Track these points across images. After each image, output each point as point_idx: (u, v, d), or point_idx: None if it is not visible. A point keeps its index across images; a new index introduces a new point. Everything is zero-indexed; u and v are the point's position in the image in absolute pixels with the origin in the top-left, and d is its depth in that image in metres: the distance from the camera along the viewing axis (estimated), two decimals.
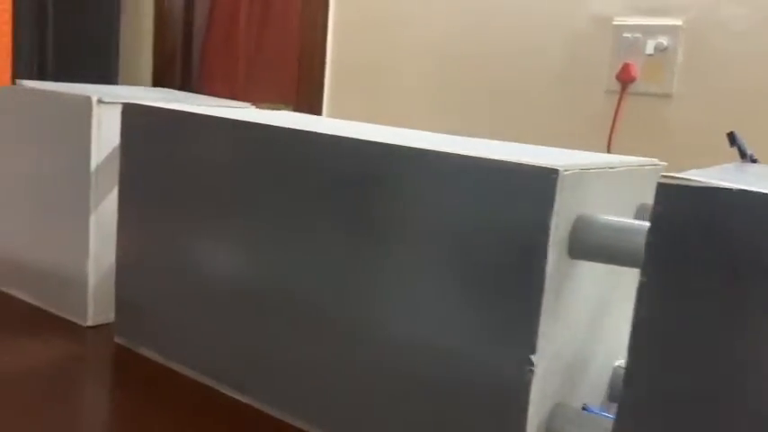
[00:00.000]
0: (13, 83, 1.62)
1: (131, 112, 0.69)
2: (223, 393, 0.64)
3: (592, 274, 0.51)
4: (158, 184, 0.67)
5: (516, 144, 0.64)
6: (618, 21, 1.35)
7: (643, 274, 0.40)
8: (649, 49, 1.31)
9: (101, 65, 2.18)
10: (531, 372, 0.46)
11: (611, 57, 1.35)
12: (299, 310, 0.58)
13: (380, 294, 0.53)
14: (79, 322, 0.76)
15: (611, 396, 0.57)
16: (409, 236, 0.51)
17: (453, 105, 1.53)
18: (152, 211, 0.68)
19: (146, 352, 0.70)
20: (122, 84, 2.16)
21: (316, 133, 0.57)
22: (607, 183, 0.52)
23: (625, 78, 1.33)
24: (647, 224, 0.40)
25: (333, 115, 1.74)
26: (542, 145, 0.66)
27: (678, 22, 1.29)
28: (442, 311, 0.50)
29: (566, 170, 0.45)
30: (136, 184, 0.69)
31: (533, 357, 0.46)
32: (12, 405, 0.60)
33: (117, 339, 0.72)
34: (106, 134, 0.73)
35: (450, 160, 0.49)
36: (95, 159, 0.72)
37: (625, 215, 0.53)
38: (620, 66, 1.33)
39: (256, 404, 0.61)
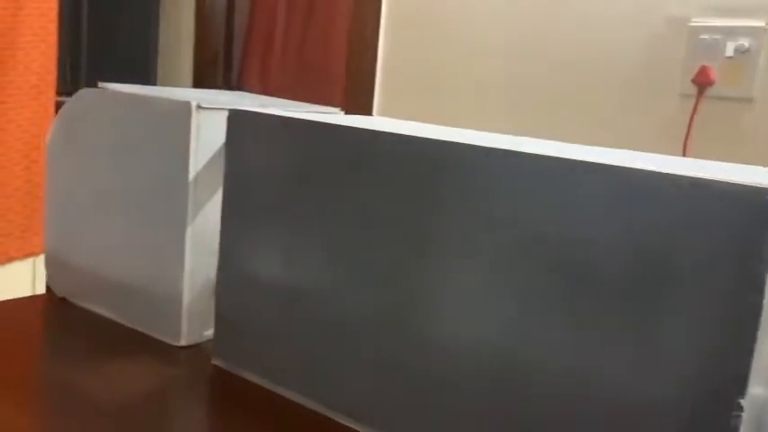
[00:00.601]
0: (57, 85, 1.59)
1: (237, 119, 0.64)
2: (339, 423, 0.59)
3: None
4: (266, 195, 0.63)
5: (620, 151, 0.59)
6: (695, 22, 1.29)
7: None
8: (729, 51, 1.25)
9: (138, 66, 2.14)
10: (738, 418, 0.41)
11: (687, 59, 1.29)
12: (431, 338, 0.53)
13: (536, 324, 0.48)
14: (171, 342, 0.71)
15: None
16: (585, 257, 0.46)
17: (518, 109, 1.48)
18: (258, 222, 0.63)
19: (248, 375, 0.65)
20: (161, 85, 2.12)
21: (461, 144, 0.52)
22: None
23: (702, 81, 1.27)
24: None
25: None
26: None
27: (761, 24, 1.23)
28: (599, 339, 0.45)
29: None
30: (241, 194, 0.64)
31: (743, 401, 0.41)
32: None
33: (215, 361, 0.68)
34: (204, 142, 0.68)
35: (639, 175, 0.44)
36: (193, 168, 0.68)
37: None
38: (696, 69, 1.28)
39: None
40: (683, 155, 1.29)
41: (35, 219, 1.57)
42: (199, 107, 0.67)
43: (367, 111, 1.67)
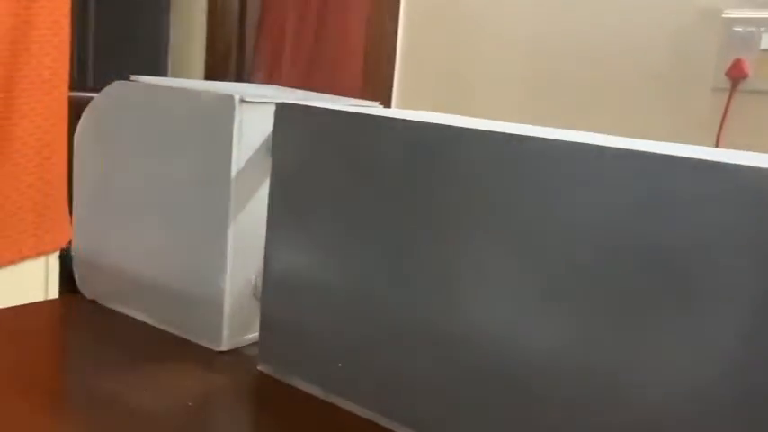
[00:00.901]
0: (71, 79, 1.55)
1: (286, 113, 0.61)
2: None
3: None
4: (316, 191, 0.59)
5: (650, 141, 0.55)
6: (728, 14, 1.26)
7: None
8: (764, 43, 1.22)
9: (147, 60, 2.10)
10: None
11: (720, 52, 1.26)
12: (498, 343, 0.50)
13: (618, 340, 0.45)
14: (212, 347, 0.68)
15: None
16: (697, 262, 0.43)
17: (542, 105, 1.44)
18: (307, 220, 0.60)
19: (297, 382, 0.62)
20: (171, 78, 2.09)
21: (541, 139, 0.49)
22: None
23: (736, 75, 1.24)
24: None
25: None
26: None
27: None
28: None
29: None
30: (289, 190, 0.61)
31: None
32: None
33: (261, 367, 0.64)
34: (247, 137, 0.65)
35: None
36: (236, 164, 0.64)
37: None
38: (729, 62, 1.25)
39: None
40: None
41: (48, 216, 1.53)
42: (242, 101, 0.64)
43: (385, 106, 1.63)
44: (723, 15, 1.25)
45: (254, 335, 0.70)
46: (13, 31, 1.38)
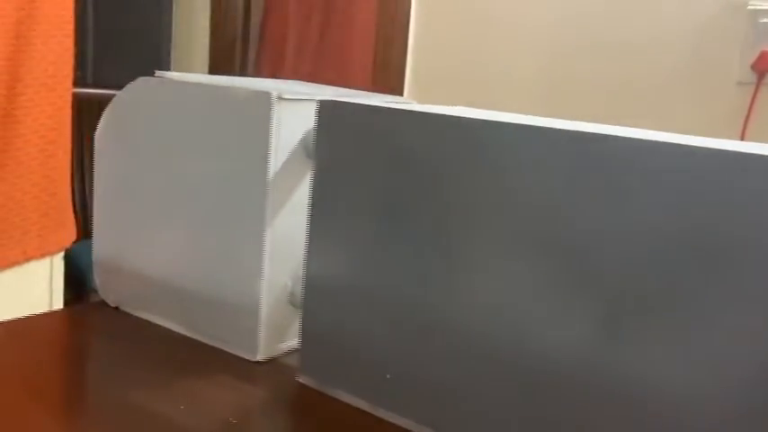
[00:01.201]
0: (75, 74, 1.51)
1: (329, 111, 0.57)
2: None
3: None
4: (360, 193, 0.56)
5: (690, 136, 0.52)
6: (753, 5, 1.23)
7: None
8: None
9: (149, 54, 2.06)
10: None
11: (746, 45, 1.23)
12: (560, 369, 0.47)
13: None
14: (247, 357, 0.64)
15: None
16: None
17: (559, 100, 1.41)
18: (351, 224, 0.57)
19: (341, 395, 0.59)
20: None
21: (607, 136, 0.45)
22: None
23: (762, 68, 1.21)
24: None
25: None
26: None
27: None
28: None
29: None
30: (331, 192, 0.58)
31: None
32: None
33: (301, 379, 0.61)
34: (284, 136, 0.61)
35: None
36: (273, 165, 0.61)
37: None
38: (755, 55, 1.22)
39: None
40: None
41: (52, 216, 1.49)
42: (280, 98, 0.60)
43: None
44: (749, 7, 1.23)
45: (288, 343, 0.67)
46: (17, 26, 1.34)
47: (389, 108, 0.55)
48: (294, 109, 0.62)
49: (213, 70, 1.92)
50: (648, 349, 0.44)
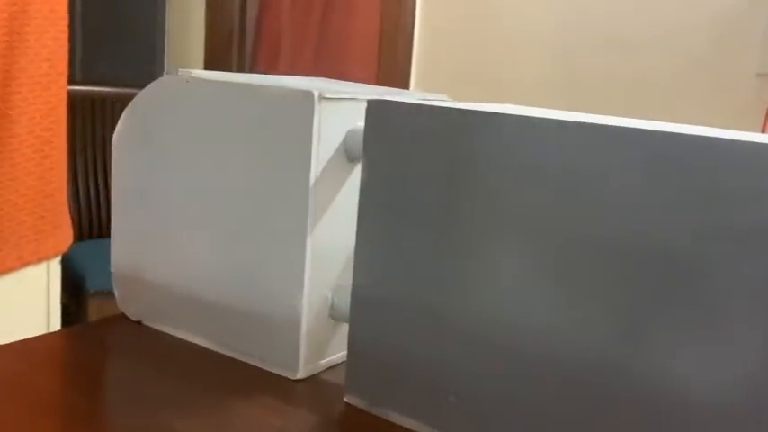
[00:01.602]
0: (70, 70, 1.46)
1: (379, 111, 0.53)
2: None
3: None
4: (413, 198, 0.52)
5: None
6: None
7: None
8: None
9: (142, 50, 2.00)
10: None
11: (765, 36, 1.20)
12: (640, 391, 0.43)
13: None
14: (286, 375, 0.60)
15: None
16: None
17: (573, 95, 1.38)
18: (404, 231, 0.53)
19: (396, 417, 0.55)
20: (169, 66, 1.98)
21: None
22: None
23: None
24: None
25: None
26: None
27: None
28: None
29: None
30: (382, 198, 0.54)
31: None
32: None
33: (349, 399, 0.57)
34: (325, 138, 0.57)
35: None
36: (314, 170, 0.57)
37: None
38: None
39: None
40: None
41: (48, 219, 1.44)
42: (322, 97, 0.56)
43: None
44: None
45: (328, 359, 0.63)
46: (10, 22, 1.28)
47: (450, 108, 0.51)
48: (335, 109, 0.57)
49: (209, 66, 1.86)
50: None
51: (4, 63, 1.30)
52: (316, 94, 0.56)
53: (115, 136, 0.68)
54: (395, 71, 1.56)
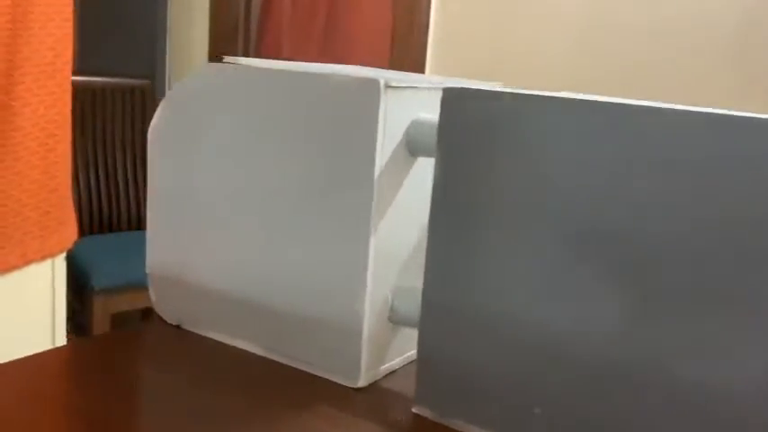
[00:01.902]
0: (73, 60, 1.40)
1: (455, 100, 0.49)
2: None
3: None
4: (492, 194, 0.48)
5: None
6: None
7: None
8: None
9: (142, 41, 1.95)
10: None
11: None
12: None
13: None
14: (346, 383, 0.56)
15: None
16: None
17: (595, 86, 1.34)
18: (482, 230, 0.49)
19: (466, 429, 0.51)
20: (173, 58, 1.93)
21: None
22: None
23: None
24: None
25: None
26: None
27: None
28: None
29: None
30: (458, 194, 0.50)
31: None
32: None
33: (418, 410, 0.53)
34: (390, 130, 0.53)
35: None
36: (379, 163, 0.53)
37: None
38: None
39: None
40: None
41: (53, 215, 1.38)
42: (387, 86, 0.52)
43: None
44: None
45: (387, 365, 0.59)
46: (13, 9, 1.23)
47: (529, 95, 0.47)
48: (400, 98, 0.53)
49: (213, 55, 1.81)
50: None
51: (6, 52, 1.24)
52: (381, 82, 0.52)
53: (151, 131, 0.64)
54: (408, 60, 1.51)
